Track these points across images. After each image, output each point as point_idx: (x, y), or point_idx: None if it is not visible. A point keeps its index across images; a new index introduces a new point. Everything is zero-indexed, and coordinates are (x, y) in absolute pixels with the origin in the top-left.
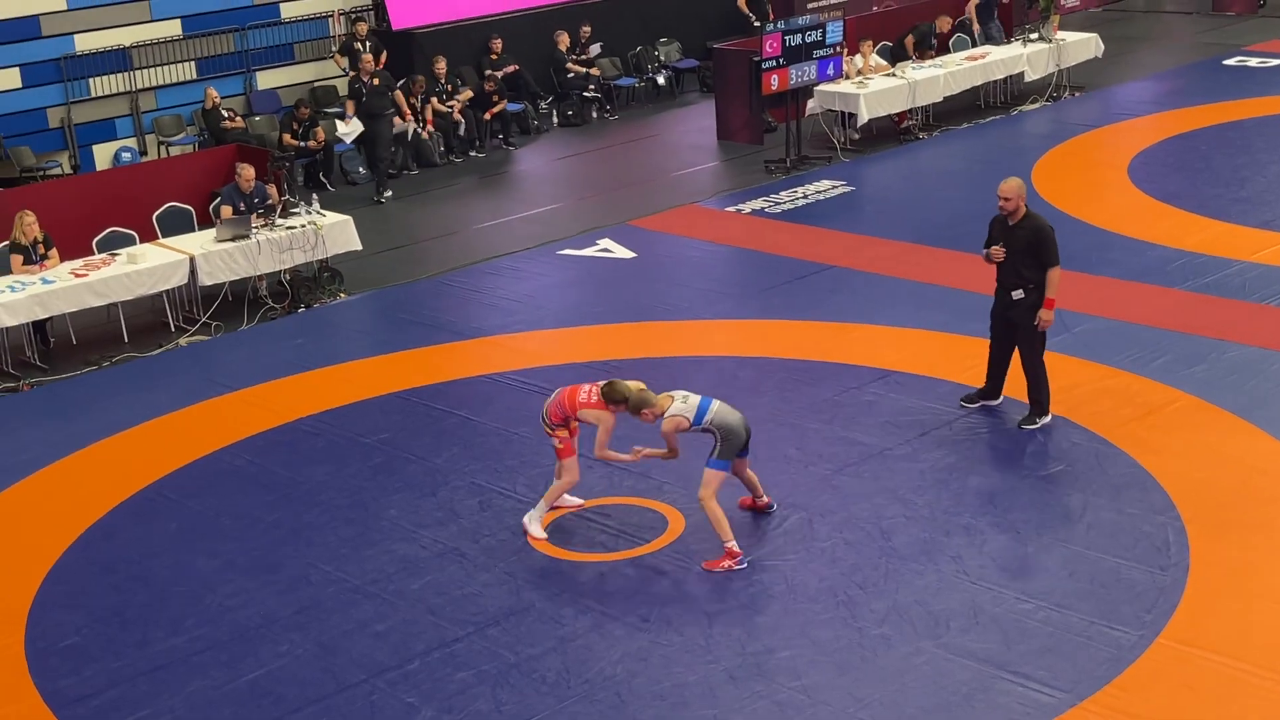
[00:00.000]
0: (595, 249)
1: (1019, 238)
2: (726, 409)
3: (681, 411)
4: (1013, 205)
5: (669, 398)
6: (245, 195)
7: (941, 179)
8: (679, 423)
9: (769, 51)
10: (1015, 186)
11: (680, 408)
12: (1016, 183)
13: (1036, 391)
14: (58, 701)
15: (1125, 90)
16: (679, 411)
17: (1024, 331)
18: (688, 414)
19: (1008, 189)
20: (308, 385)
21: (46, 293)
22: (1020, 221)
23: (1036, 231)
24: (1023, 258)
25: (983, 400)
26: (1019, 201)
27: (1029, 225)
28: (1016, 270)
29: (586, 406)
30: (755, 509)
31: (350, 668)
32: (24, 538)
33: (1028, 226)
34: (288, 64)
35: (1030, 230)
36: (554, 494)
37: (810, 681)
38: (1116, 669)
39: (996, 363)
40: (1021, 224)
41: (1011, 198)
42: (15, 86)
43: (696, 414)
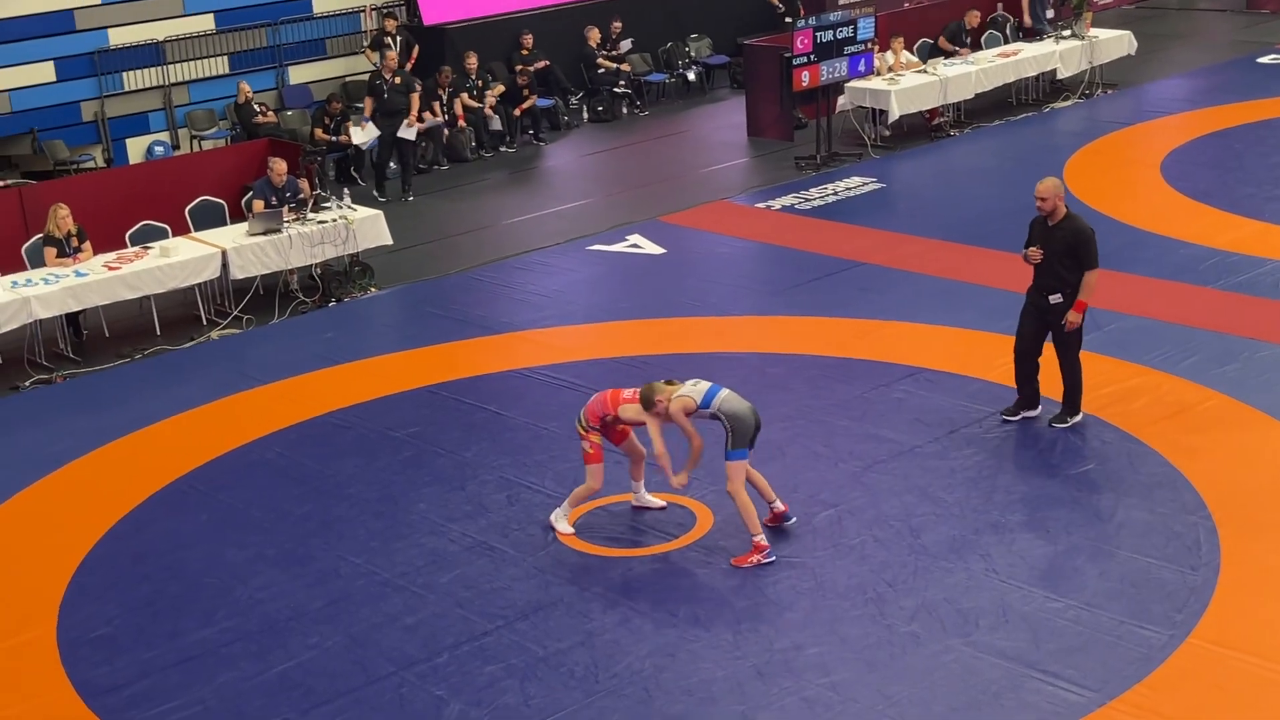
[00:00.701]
0: (625, 244)
1: (1058, 239)
2: (734, 397)
3: (689, 393)
4: (1049, 205)
5: (678, 384)
6: (277, 189)
7: (973, 176)
8: (686, 404)
9: (800, 48)
10: (1051, 186)
11: (688, 390)
12: (1053, 182)
13: (1072, 392)
14: (89, 691)
15: (1158, 88)
16: (686, 393)
17: (1060, 334)
18: (695, 396)
19: (1044, 189)
20: (338, 379)
21: (80, 285)
22: (1060, 222)
23: (1076, 234)
24: (1062, 259)
25: (1023, 412)
26: (1056, 201)
27: (1069, 227)
28: (1055, 272)
29: (629, 402)
30: (775, 521)
31: (379, 660)
32: (56, 529)
33: (1068, 228)
34: (319, 59)
35: (1070, 232)
36: (578, 496)
37: (839, 678)
38: (1146, 669)
39: (1026, 368)
40: (1061, 225)
41: (1048, 197)
42: (49, 80)
43: (704, 398)
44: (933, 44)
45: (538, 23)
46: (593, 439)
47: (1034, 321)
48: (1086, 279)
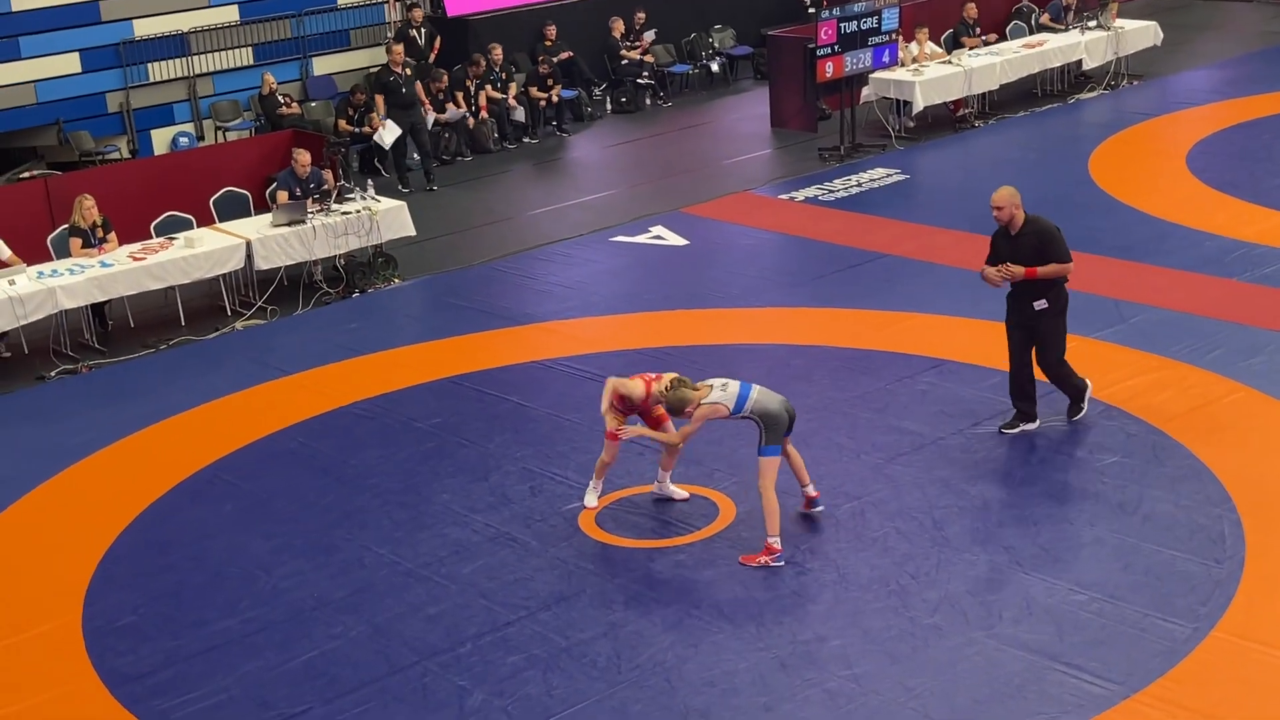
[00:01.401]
0: (648, 236)
1: (1025, 245)
2: (767, 394)
3: (720, 399)
4: (1006, 214)
5: (708, 386)
6: (301, 180)
7: (997, 168)
8: (717, 410)
9: (824, 39)
10: (1006, 195)
11: (720, 395)
12: (1008, 191)
13: (1070, 388)
14: (114, 680)
15: (1184, 79)
16: (718, 399)
17: (1043, 338)
18: (727, 402)
19: (999, 198)
20: (361, 369)
21: (105, 276)
22: (1022, 229)
23: (1041, 234)
24: (1033, 264)
25: (1022, 426)
26: (1012, 209)
27: (1031, 229)
28: (1025, 281)
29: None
30: (806, 507)
31: (403, 650)
32: (82, 518)
33: (1030, 231)
34: (343, 50)
35: (1034, 234)
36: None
37: (861, 670)
38: (1170, 661)
39: (1021, 386)
40: (1023, 231)
41: (1004, 206)
42: (75, 71)
43: (736, 402)
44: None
45: (561, 14)
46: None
47: (1021, 335)
48: (1053, 265)
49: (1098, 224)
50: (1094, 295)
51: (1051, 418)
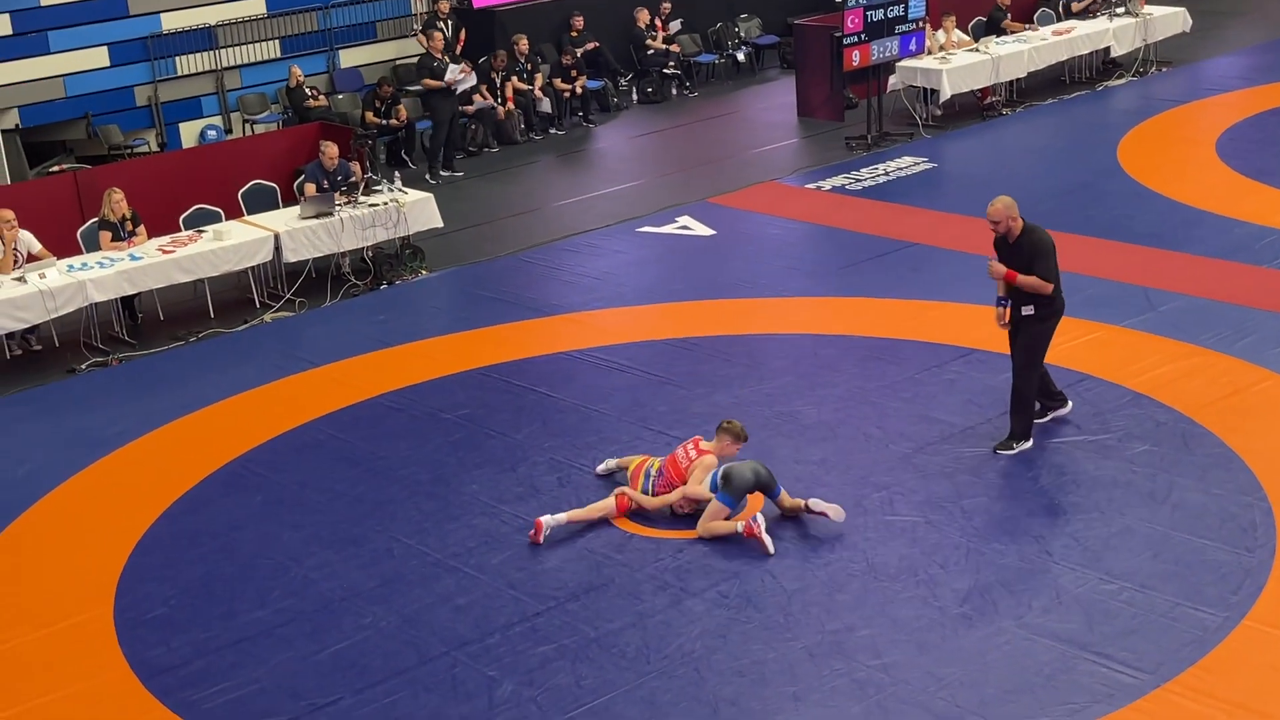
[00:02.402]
0: (674, 226)
1: (1021, 254)
2: (733, 464)
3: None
4: (1003, 228)
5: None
6: (329, 173)
7: (1025, 156)
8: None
9: (850, 27)
10: (1001, 208)
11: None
12: (1003, 204)
13: (1018, 410)
14: (146, 671)
15: (1213, 65)
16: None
17: (1024, 349)
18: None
19: (994, 211)
20: (389, 361)
21: (135, 269)
22: (1019, 238)
23: (1034, 246)
24: (1028, 274)
25: (1051, 413)
26: (1009, 221)
27: (1027, 240)
28: (1022, 291)
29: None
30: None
31: (432, 640)
32: (113, 510)
33: (1027, 242)
34: (370, 42)
35: (1029, 245)
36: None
37: (890, 660)
38: (1201, 651)
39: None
40: (1020, 240)
41: (1000, 220)
42: (103, 65)
43: (711, 486)
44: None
45: (587, 4)
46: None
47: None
48: (1032, 279)
49: (1127, 211)
50: (1123, 283)
51: (1081, 406)
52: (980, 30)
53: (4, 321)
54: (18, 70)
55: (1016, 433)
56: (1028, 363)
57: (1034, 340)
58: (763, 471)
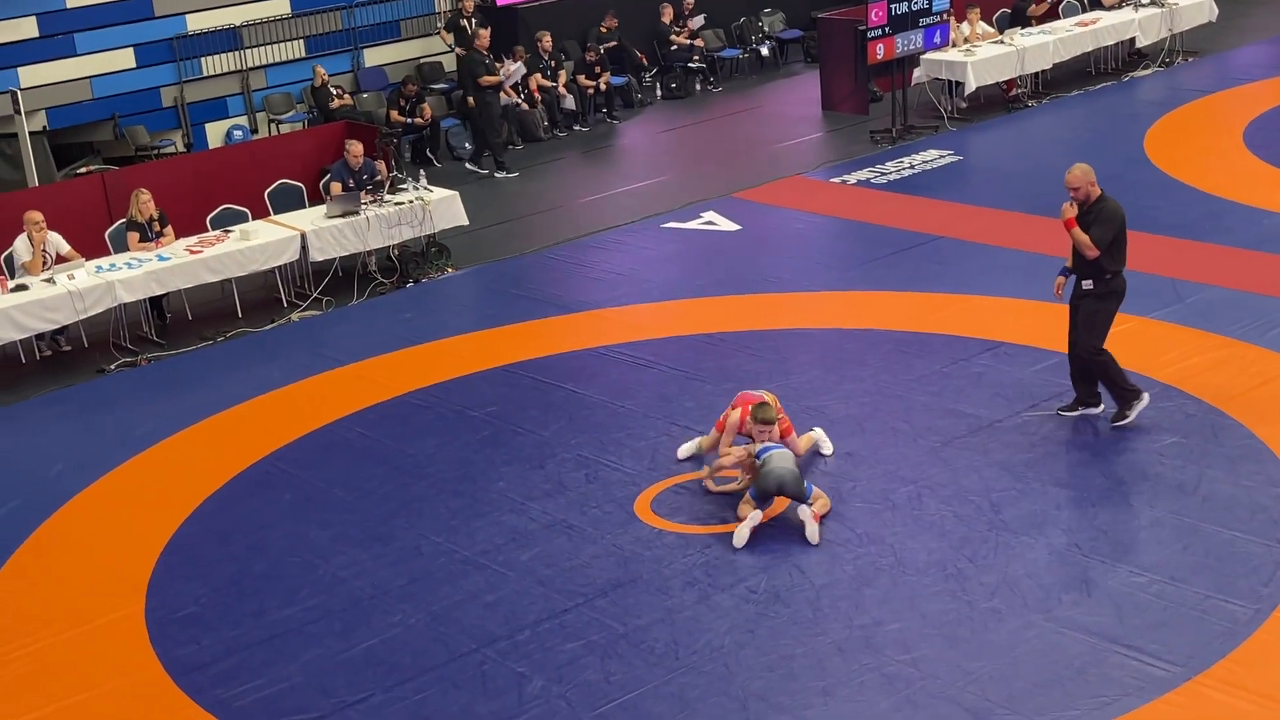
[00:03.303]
0: (699, 222)
1: (1087, 223)
2: (780, 465)
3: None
4: (1081, 194)
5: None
6: (354, 172)
7: (1051, 147)
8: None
9: (874, 20)
10: (1079, 174)
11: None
12: (1081, 169)
13: (1109, 383)
14: (177, 669)
15: (1240, 55)
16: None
17: (1089, 325)
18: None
19: (1072, 177)
20: (416, 359)
21: (163, 269)
22: (1092, 206)
23: (1100, 212)
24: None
25: (1081, 409)
26: (1087, 187)
27: (1098, 208)
28: (1084, 258)
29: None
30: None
31: (461, 637)
32: (143, 509)
33: (1097, 208)
34: (394, 41)
35: (1097, 211)
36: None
37: (919, 654)
38: (1232, 643)
39: (1078, 366)
40: (1093, 207)
41: (1078, 185)
42: (130, 67)
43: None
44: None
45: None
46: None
47: (1073, 315)
48: (1086, 238)
49: (1154, 203)
50: (1151, 275)
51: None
52: (1005, 22)
53: (34, 322)
54: (45, 73)
55: (1122, 400)
56: (1090, 338)
57: (1092, 317)
58: (790, 485)
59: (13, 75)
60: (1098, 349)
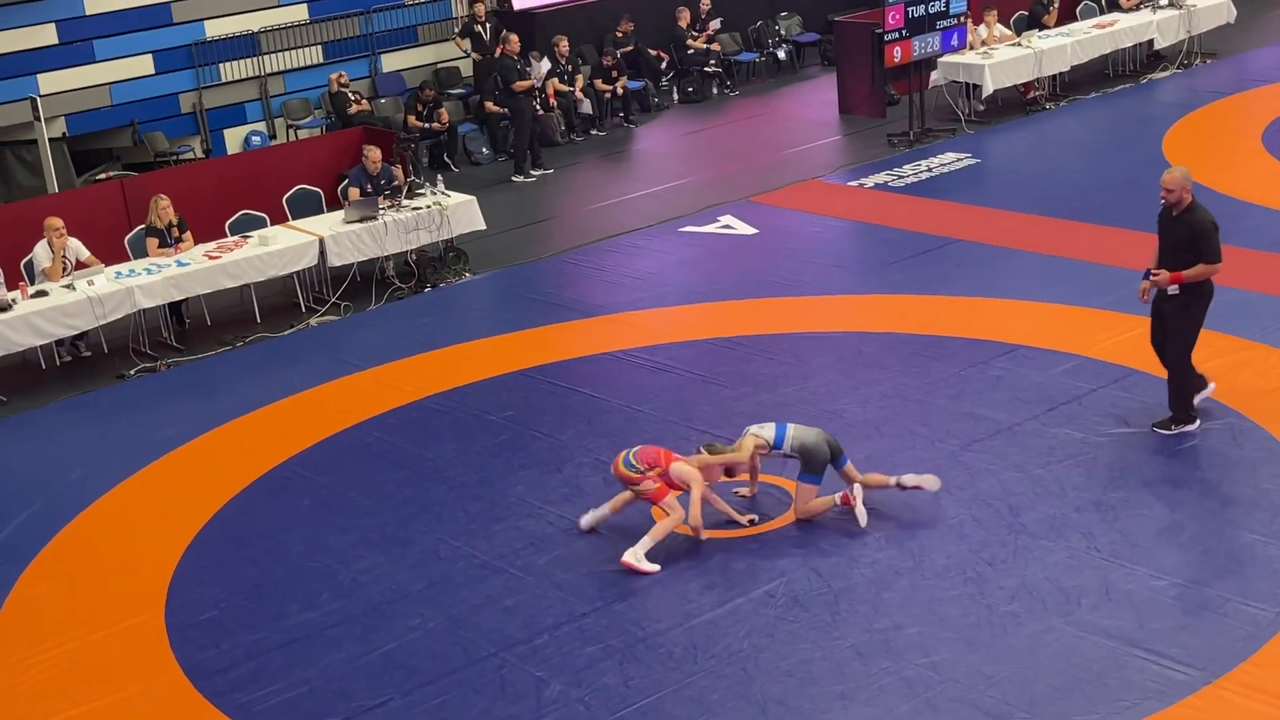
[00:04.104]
0: (717, 225)
1: (1178, 231)
2: (803, 430)
3: (759, 433)
4: (1175, 197)
5: (746, 433)
6: (372, 177)
7: (1069, 150)
8: (759, 442)
9: (891, 23)
10: (1178, 177)
11: (757, 431)
12: (1180, 173)
13: (1176, 393)
14: (198, 674)
15: (1259, 56)
16: (755, 431)
17: (1178, 332)
18: (766, 436)
19: (1169, 179)
20: (434, 364)
21: (182, 275)
22: (1183, 214)
23: (1194, 225)
24: (1180, 252)
25: (1197, 394)
26: (1182, 193)
27: (1189, 219)
28: (1174, 264)
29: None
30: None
31: (480, 641)
32: (163, 514)
33: (1188, 220)
34: (412, 46)
35: (1189, 225)
36: (663, 531)
37: (939, 658)
38: (1253, 646)
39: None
40: (1183, 217)
41: (1174, 189)
42: (148, 73)
43: (776, 438)
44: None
45: (627, 4)
46: (653, 476)
47: (1157, 317)
48: (1199, 267)
49: None
50: None
51: (1126, 401)
52: (1022, 24)
53: (54, 328)
54: (64, 79)
55: (1177, 416)
56: (1181, 346)
57: (1185, 324)
58: (833, 441)
59: (32, 82)
60: (1180, 358)
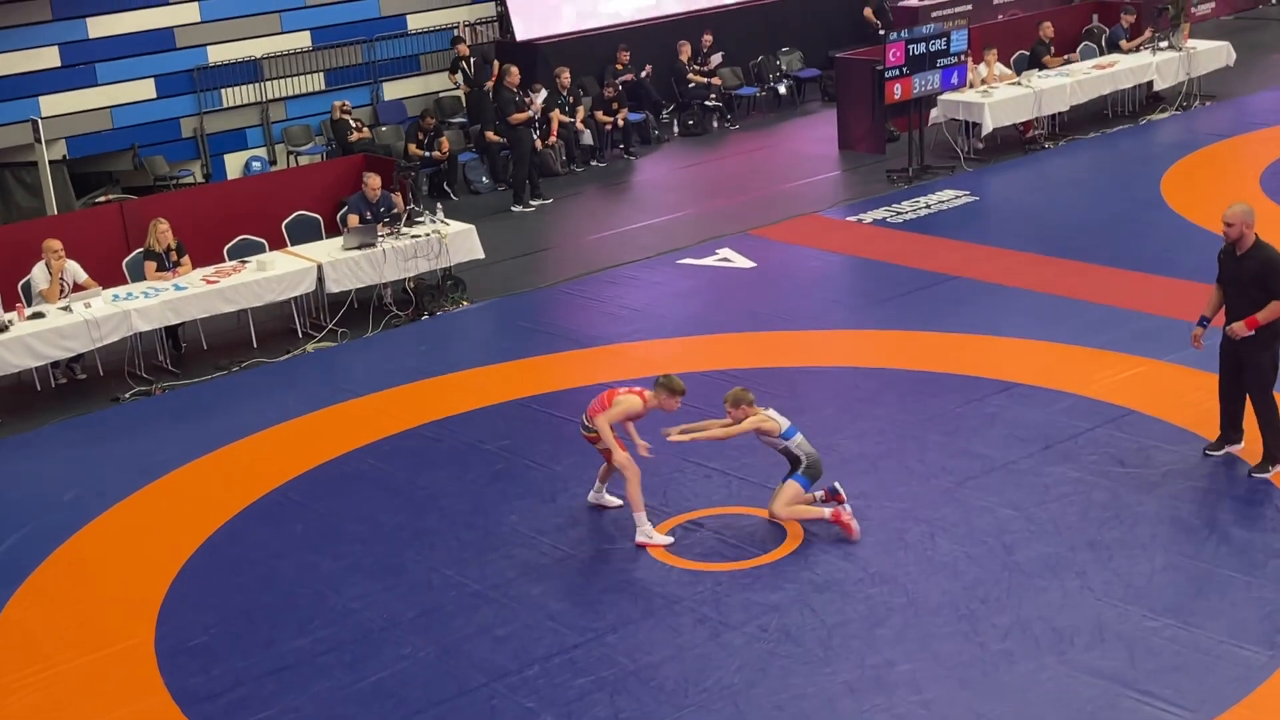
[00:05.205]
0: (715, 258)
1: (1247, 269)
2: (807, 444)
3: (774, 418)
4: (1236, 232)
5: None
6: (371, 204)
7: (1067, 189)
8: (771, 426)
9: (892, 60)
10: (1240, 213)
11: (773, 415)
12: (1242, 209)
13: (1268, 435)
14: (186, 699)
15: (1257, 100)
16: (773, 417)
17: (1251, 371)
18: (780, 424)
19: (1231, 215)
20: (430, 392)
21: (179, 299)
22: (1249, 251)
23: (1266, 263)
24: (1252, 291)
25: (1227, 446)
26: (1243, 228)
27: (1258, 256)
28: (1245, 305)
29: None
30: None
31: (471, 671)
32: (155, 538)
33: (1257, 257)
34: (413, 75)
35: (1259, 261)
36: (634, 496)
37: (931, 696)
38: (1245, 689)
39: (1227, 401)
40: (1250, 254)
41: (1235, 224)
42: (150, 97)
43: (786, 430)
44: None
45: (629, 37)
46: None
47: (1228, 360)
48: (1272, 305)
49: (1171, 246)
50: (1167, 317)
51: (1122, 441)
52: (1022, 64)
53: (50, 350)
54: (66, 102)
55: (1273, 454)
56: (1263, 384)
57: (1263, 363)
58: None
59: (34, 104)
60: (1263, 394)
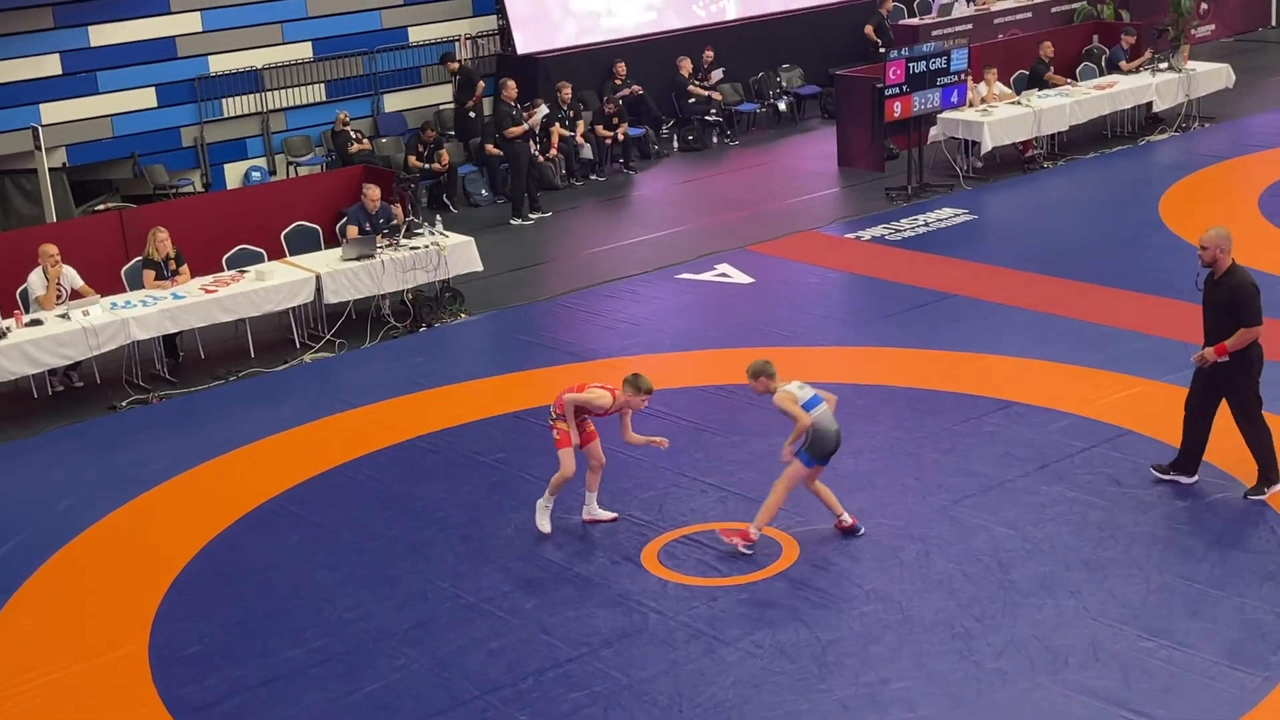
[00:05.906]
0: (713, 274)
1: (1220, 294)
2: (828, 415)
3: (795, 392)
4: (1209, 256)
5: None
6: (371, 215)
7: (1066, 209)
8: (791, 407)
9: (892, 78)
10: (1214, 237)
11: (795, 387)
12: (1216, 233)
13: (1260, 458)
14: (180, 709)
15: (1257, 121)
16: (794, 391)
17: (1232, 396)
18: (801, 397)
19: (1206, 239)
20: (427, 403)
21: (177, 308)
22: (1223, 277)
23: (1236, 289)
24: (1223, 316)
25: (1175, 474)
26: (1217, 253)
27: (1229, 282)
28: (1217, 329)
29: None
30: (843, 530)
31: (465, 684)
32: (150, 547)
33: (1228, 283)
34: (414, 87)
35: (1230, 288)
36: (556, 483)
37: (925, 714)
38: (1240, 710)
39: (1191, 431)
40: (1223, 280)
41: (1209, 248)
42: (151, 106)
43: (808, 401)
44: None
45: (630, 52)
46: (560, 426)
47: (1200, 381)
48: (1240, 333)
49: (1169, 266)
50: (1165, 338)
51: (1119, 461)
52: (1022, 83)
53: (47, 357)
54: (66, 110)
55: (1265, 473)
56: (1243, 412)
57: (1240, 391)
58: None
59: (34, 111)
60: (1250, 415)
